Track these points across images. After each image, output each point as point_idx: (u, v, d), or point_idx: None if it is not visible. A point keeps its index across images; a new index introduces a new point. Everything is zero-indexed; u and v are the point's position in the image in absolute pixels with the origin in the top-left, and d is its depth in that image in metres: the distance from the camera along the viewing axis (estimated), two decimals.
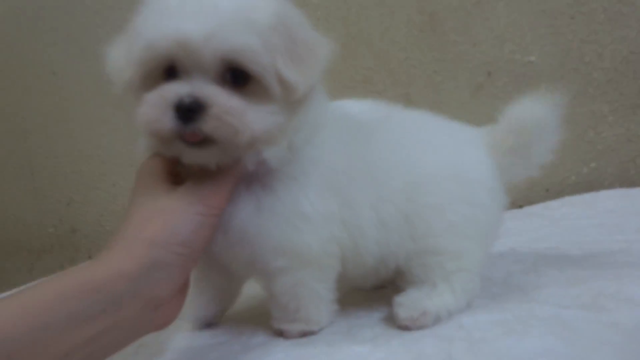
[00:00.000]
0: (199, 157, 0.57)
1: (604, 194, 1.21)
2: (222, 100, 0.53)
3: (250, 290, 0.81)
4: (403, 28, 1.35)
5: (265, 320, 0.72)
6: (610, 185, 1.28)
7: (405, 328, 0.65)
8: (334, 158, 0.64)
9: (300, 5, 1.42)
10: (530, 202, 1.30)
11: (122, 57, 0.58)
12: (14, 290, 0.68)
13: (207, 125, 0.53)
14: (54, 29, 1.63)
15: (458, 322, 0.65)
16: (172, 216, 0.55)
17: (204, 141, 0.54)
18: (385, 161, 0.67)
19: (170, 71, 0.56)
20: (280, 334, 0.68)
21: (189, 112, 0.52)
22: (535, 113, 0.76)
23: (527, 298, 0.70)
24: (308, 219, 0.61)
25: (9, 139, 1.71)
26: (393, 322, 0.67)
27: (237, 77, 0.55)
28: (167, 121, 0.53)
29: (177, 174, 0.61)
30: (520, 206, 1.30)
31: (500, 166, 0.73)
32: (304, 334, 0.66)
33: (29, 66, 1.67)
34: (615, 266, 0.79)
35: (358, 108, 0.73)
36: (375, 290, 0.79)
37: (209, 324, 0.75)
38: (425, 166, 0.69)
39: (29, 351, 0.47)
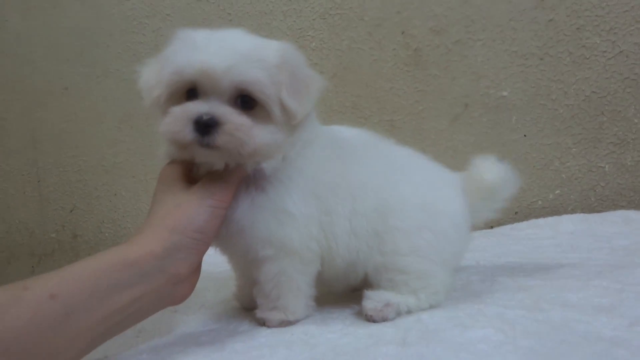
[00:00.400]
0: (209, 157, 0.69)
1: (566, 218, 1.32)
2: (233, 119, 0.65)
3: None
4: (390, 61, 1.47)
5: (251, 313, 0.82)
6: (573, 211, 1.38)
7: (370, 318, 0.75)
8: (318, 170, 0.76)
9: (297, 37, 1.56)
10: (500, 223, 1.40)
11: (153, 78, 0.70)
12: None
13: (220, 138, 0.65)
14: (68, 47, 1.73)
15: (417, 317, 0.75)
16: (188, 208, 0.68)
17: (211, 146, 0.66)
18: (363, 181, 0.78)
19: (190, 93, 0.69)
20: (263, 323, 0.78)
21: (206, 127, 0.65)
22: (495, 174, 0.89)
23: (479, 300, 0.81)
24: (291, 216, 0.73)
25: (19, 148, 1.80)
26: (362, 316, 0.77)
27: (245, 102, 0.68)
28: (188, 132, 0.65)
29: (191, 177, 0.74)
30: (491, 227, 1.41)
31: (470, 207, 0.86)
32: (283, 323, 0.76)
33: (42, 81, 1.77)
34: (561, 277, 0.90)
35: (350, 133, 0.85)
36: (348, 292, 0.89)
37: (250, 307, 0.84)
38: (399, 193, 0.79)
39: (82, 311, 0.59)
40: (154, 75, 0.70)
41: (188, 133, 0.65)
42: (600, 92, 1.36)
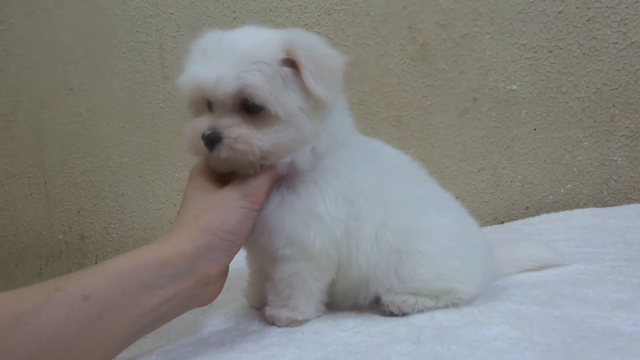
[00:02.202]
0: (225, 167, 0.71)
1: (578, 212, 1.30)
2: (231, 132, 0.66)
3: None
4: (397, 56, 1.45)
5: (260, 313, 0.81)
6: (585, 205, 1.36)
7: (387, 310, 0.74)
8: (354, 174, 0.75)
9: None
10: (511, 218, 1.39)
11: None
12: None
13: (223, 151, 0.66)
14: (73, 48, 1.73)
15: (430, 315, 0.74)
16: (221, 209, 0.67)
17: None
18: (399, 197, 0.77)
19: (209, 103, 0.70)
20: (272, 322, 0.76)
21: (209, 142, 0.66)
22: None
23: (493, 296, 0.79)
24: (319, 218, 0.72)
25: (26, 150, 1.80)
26: (373, 314, 0.76)
27: (249, 106, 0.67)
28: (201, 146, 0.67)
29: (223, 175, 0.73)
30: (502, 222, 1.39)
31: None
32: (292, 323, 0.75)
33: (47, 82, 1.77)
34: (575, 272, 0.88)
35: (392, 151, 0.85)
36: None
37: (258, 306, 0.84)
38: (430, 218, 0.77)
39: (114, 312, 0.58)
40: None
41: (201, 147, 0.67)
42: (611, 84, 1.33)
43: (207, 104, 0.70)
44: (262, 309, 0.80)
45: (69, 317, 0.55)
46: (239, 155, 0.66)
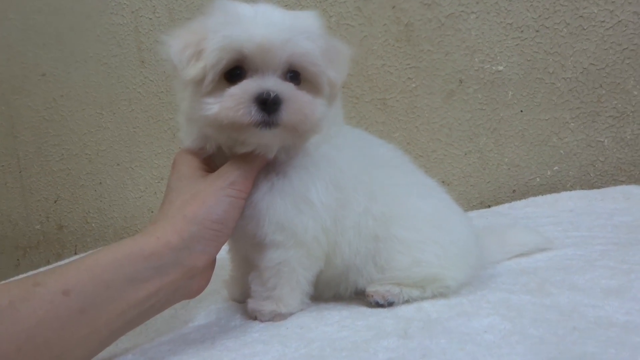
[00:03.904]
0: (266, 138, 0.64)
1: (565, 195, 1.28)
2: (298, 95, 0.63)
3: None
4: (380, 37, 1.41)
5: (242, 306, 0.78)
6: (572, 187, 1.35)
7: (372, 301, 0.72)
8: (345, 161, 0.73)
9: None
10: (498, 202, 1.37)
11: (189, 50, 0.64)
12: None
13: (288, 115, 0.61)
14: (44, 31, 1.67)
15: (418, 305, 0.72)
16: (207, 198, 0.64)
17: (275, 125, 0.62)
18: (384, 184, 0.75)
19: (232, 72, 0.64)
20: (255, 317, 0.74)
21: (274, 104, 0.60)
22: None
23: (482, 285, 0.77)
24: (312, 204, 0.69)
25: None
26: (359, 305, 0.74)
27: (293, 77, 0.65)
28: (254, 112, 0.60)
29: (207, 164, 0.70)
30: (489, 206, 1.38)
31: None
32: (275, 316, 0.72)
33: (18, 67, 1.70)
34: (565, 258, 0.87)
35: (378, 140, 0.84)
36: None
37: (240, 299, 0.82)
38: (410, 203, 0.76)
39: (97, 307, 0.56)
40: (192, 48, 0.64)
41: (254, 113, 0.61)
42: (598, 64, 1.31)
43: (225, 75, 0.64)
44: (244, 302, 0.77)
45: (49, 313, 0.53)
46: (298, 122, 0.63)
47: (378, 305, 0.73)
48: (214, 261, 0.68)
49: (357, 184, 0.73)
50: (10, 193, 1.76)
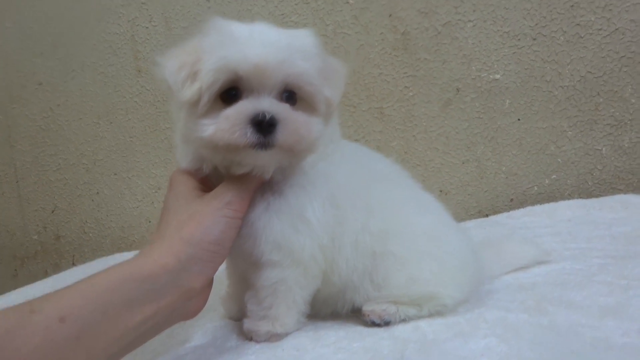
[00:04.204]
0: (262, 159, 0.64)
1: (563, 204, 1.28)
2: (294, 116, 0.63)
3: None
4: (377, 46, 1.41)
5: (239, 326, 0.77)
6: (570, 196, 1.34)
7: (368, 320, 0.72)
8: (343, 177, 0.73)
9: (280, 23, 1.50)
10: (496, 211, 1.37)
11: (184, 73, 0.63)
12: None
13: (283, 136, 0.61)
14: (41, 40, 1.66)
15: (415, 325, 0.71)
16: (204, 218, 0.64)
17: (271, 146, 0.61)
18: (382, 200, 0.75)
19: (227, 93, 0.63)
20: (250, 338, 0.73)
21: (269, 126, 0.60)
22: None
23: (479, 302, 0.77)
24: (308, 223, 0.69)
25: None
26: (357, 322, 0.74)
27: (288, 97, 0.65)
28: (249, 134, 0.60)
29: (204, 184, 0.70)
30: (487, 215, 1.37)
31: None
32: (271, 336, 0.72)
33: (15, 76, 1.69)
34: (562, 272, 0.86)
35: (376, 154, 0.83)
36: None
37: (236, 317, 0.82)
38: (407, 219, 0.75)
39: (93, 333, 0.55)
40: (187, 69, 0.63)
41: (250, 135, 0.60)
42: (595, 72, 1.31)
43: (221, 96, 0.63)
44: (240, 320, 0.77)
45: (45, 340, 0.52)
46: (294, 142, 0.62)
47: (374, 324, 0.72)
48: (211, 282, 0.68)
49: (354, 199, 0.73)
50: (7, 203, 1.76)
